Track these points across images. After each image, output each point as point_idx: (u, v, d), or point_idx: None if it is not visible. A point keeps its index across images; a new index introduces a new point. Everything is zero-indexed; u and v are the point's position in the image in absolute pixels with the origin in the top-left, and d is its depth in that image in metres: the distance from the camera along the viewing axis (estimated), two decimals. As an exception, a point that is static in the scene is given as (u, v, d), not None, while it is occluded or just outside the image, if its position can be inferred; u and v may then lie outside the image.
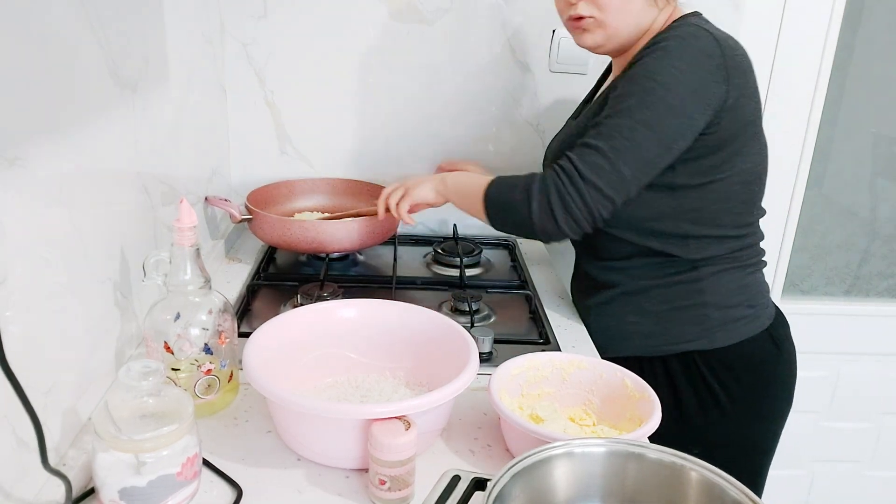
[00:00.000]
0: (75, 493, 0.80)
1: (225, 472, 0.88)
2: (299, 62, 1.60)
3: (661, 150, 1.08)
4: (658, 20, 1.15)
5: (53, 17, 0.82)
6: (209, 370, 0.97)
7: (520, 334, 1.30)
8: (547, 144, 1.67)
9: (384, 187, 1.61)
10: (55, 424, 0.84)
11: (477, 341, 1.03)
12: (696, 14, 1.16)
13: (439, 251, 1.58)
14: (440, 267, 1.56)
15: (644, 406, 0.94)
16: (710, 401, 1.21)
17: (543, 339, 1.27)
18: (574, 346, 1.26)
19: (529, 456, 0.75)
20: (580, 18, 1.15)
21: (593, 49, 1.20)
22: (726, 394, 1.20)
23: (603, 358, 1.12)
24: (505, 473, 0.71)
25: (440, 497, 0.74)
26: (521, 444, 0.90)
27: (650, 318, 1.22)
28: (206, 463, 0.88)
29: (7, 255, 0.74)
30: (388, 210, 1.31)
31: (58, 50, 0.83)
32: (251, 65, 1.60)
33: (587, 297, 1.32)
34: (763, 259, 1.26)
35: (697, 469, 0.75)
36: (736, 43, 1.12)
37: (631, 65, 1.13)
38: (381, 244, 1.52)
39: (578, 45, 1.20)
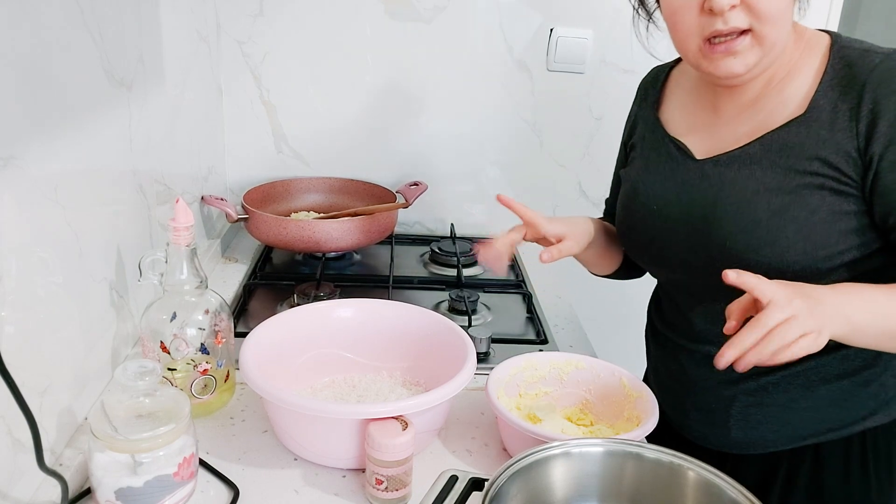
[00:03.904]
0: (71, 493, 0.80)
1: (221, 472, 0.88)
2: (295, 61, 1.60)
3: None
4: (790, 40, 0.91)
5: (48, 16, 0.82)
6: (205, 370, 0.97)
7: (517, 334, 1.29)
8: (542, 144, 1.68)
9: (381, 187, 1.62)
10: (51, 424, 0.84)
11: (474, 341, 1.03)
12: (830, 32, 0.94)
13: (436, 250, 1.57)
14: (437, 266, 1.56)
15: (642, 405, 0.94)
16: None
17: (541, 339, 1.26)
18: (571, 346, 1.26)
19: (527, 456, 0.74)
20: (731, 37, 0.85)
21: (736, 78, 0.89)
22: None
23: (755, 454, 1.02)
24: (502, 473, 0.71)
25: (437, 497, 0.74)
26: (518, 444, 0.89)
27: (823, 399, 0.98)
28: (202, 463, 0.88)
29: (2, 255, 0.73)
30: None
31: (53, 48, 0.83)
32: (247, 63, 1.60)
33: (726, 385, 1.01)
34: None
35: (695, 469, 0.75)
36: None
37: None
38: (377, 243, 1.52)
39: (716, 74, 0.89)
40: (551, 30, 1.61)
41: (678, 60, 1.08)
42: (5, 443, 0.74)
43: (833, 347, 0.92)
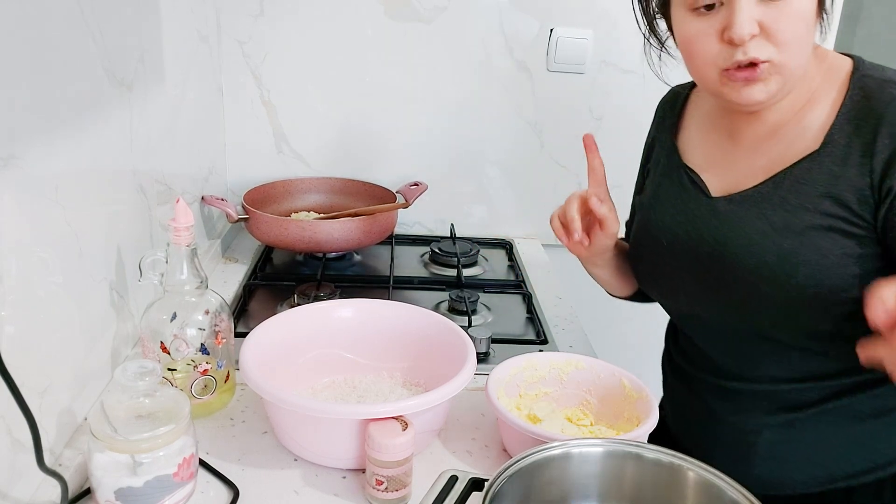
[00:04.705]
0: (71, 493, 0.80)
1: (221, 472, 0.88)
2: (296, 61, 1.60)
3: None
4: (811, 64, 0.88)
5: (49, 15, 0.82)
6: (205, 370, 0.97)
7: (517, 334, 1.29)
8: (543, 144, 1.68)
9: (381, 187, 1.62)
10: (51, 425, 0.84)
11: (474, 341, 1.03)
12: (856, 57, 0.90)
13: (437, 251, 1.57)
14: (437, 266, 1.56)
15: (641, 406, 0.94)
16: None
17: (541, 339, 1.26)
18: (571, 346, 1.25)
19: (527, 456, 0.74)
20: (752, 66, 0.82)
21: (757, 105, 0.86)
22: None
23: (782, 495, 0.97)
24: (502, 474, 0.71)
25: (437, 497, 0.74)
26: (518, 445, 0.89)
27: (854, 438, 0.93)
28: (202, 463, 0.88)
29: (2, 255, 0.73)
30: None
31: (53, 48, 0.83)
32: (247, 63, 1.60)
33: (753, 421, 0.97)
34: None
35: (695, 469, 0.75)
36: None
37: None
38: (378, 243, 1.52)
39: (737, 102, 0.86)
40: (551, 30, 1.61)
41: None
42: (5, 443, 0.74)
43: (866, 385, 0.90)
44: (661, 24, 0.95)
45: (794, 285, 0.85)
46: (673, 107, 1.06)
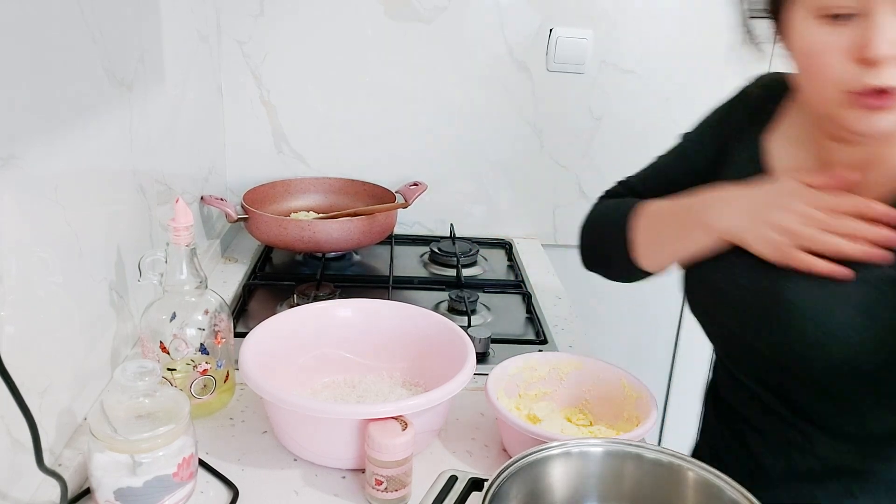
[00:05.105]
0: (71, 493, 0.80)
1: (221, 472, 0.88)
2: (296, 61, 1.60)
3: None
4: None
5: (49, 15, 0.82)
6: (205, 370, 0.97)
7: (517, 334, 1.30)
8: (542, 144, 1.68)
9: (381, 187, 1.62)
10: (50, 425, 0.84)
11: (474, 341, 1.03)
12: None
13: (436, 251, 1.57)
14: (437, 266, 1.56)
15: (641, 406, 0.94)
16: None
17: (540, 339, 1.26)
18: (571, 346, 1.26)
19: (526, 456, 0.74)
20: (883, 93, 0.70)
21: (875, 137, 0.76)
22: None
23: None
24: (502, 474, 0.71)
25: (437, 497, 0.74)
26: (518, 444, 0.89)
27: None
28: (202, 463, 0.88)
29: (2, 255, 0.73)
30: None
31: (53, 48, 0.83)
32: (247, 63, 1.60)
33: (806, 483, 0.87)
34: None
35: (695, 469, 0.75)
36: None
37: None
38: (377, 243, 1.52)
39: (853, 129, 0.74)
40: (551, 30, 1.61)
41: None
42: (5, 443, 0.74)
43: None
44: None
45: (857, 342, 0.75)
46: (769, 101, 0.91)
